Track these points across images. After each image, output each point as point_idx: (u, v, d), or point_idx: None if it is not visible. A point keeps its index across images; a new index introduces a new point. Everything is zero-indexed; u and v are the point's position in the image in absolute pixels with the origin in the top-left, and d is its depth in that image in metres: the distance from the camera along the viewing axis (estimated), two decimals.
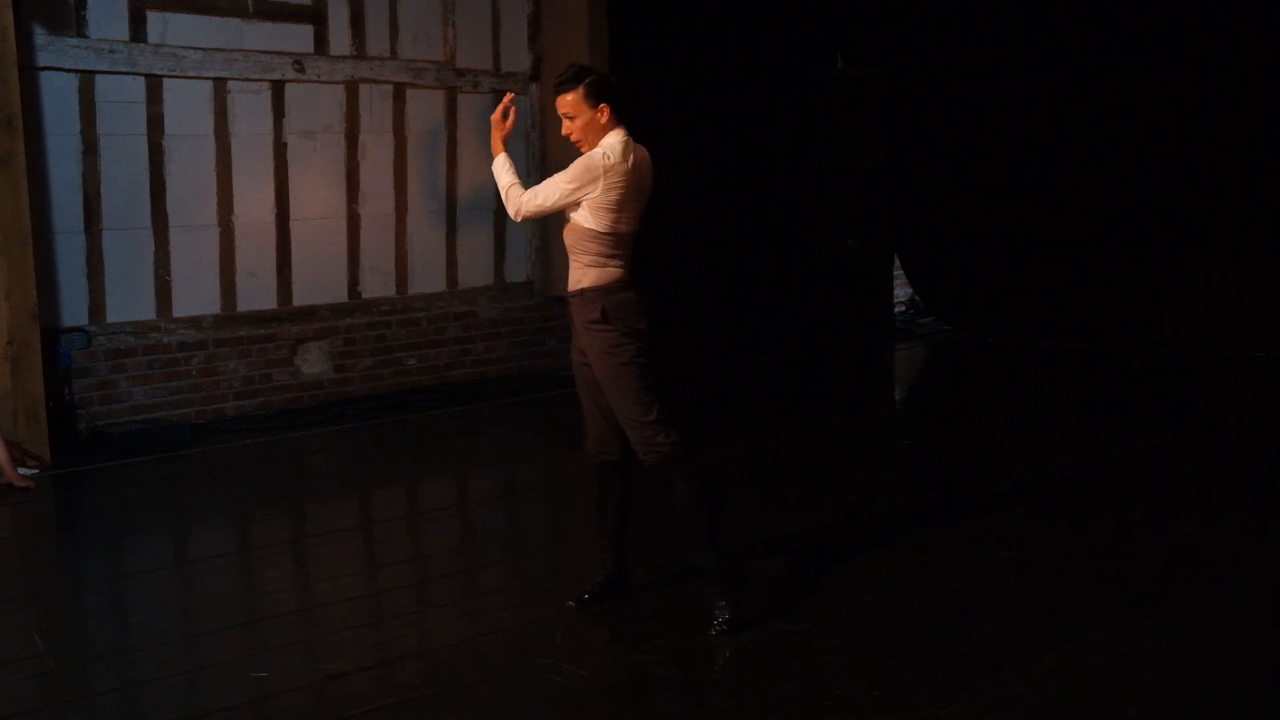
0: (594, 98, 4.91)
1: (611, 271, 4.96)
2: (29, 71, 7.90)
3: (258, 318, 9.17)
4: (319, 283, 9.49)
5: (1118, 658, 4.58)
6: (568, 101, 4.92)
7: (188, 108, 8.72)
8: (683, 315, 11.26)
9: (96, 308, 8.40)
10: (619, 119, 4.98)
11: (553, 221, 9.00)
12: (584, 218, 4.91)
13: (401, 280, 9.95)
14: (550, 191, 4.94)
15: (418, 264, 10.02)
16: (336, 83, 9.45)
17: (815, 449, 8.00)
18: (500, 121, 5.20)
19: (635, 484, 5.19)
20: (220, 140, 8.90)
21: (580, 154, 4.95)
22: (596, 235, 4.92)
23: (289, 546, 6.49)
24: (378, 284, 9.82)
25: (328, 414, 9.15)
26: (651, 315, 5.02)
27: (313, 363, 9.44)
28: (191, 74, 8.69)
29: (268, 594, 5.64)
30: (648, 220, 5.20)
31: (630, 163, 4.92)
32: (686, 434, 4.98)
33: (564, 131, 4.98)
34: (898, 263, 12.95)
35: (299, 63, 9.22)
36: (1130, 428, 8.28)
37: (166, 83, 8.59)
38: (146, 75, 8.50)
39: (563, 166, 5.00)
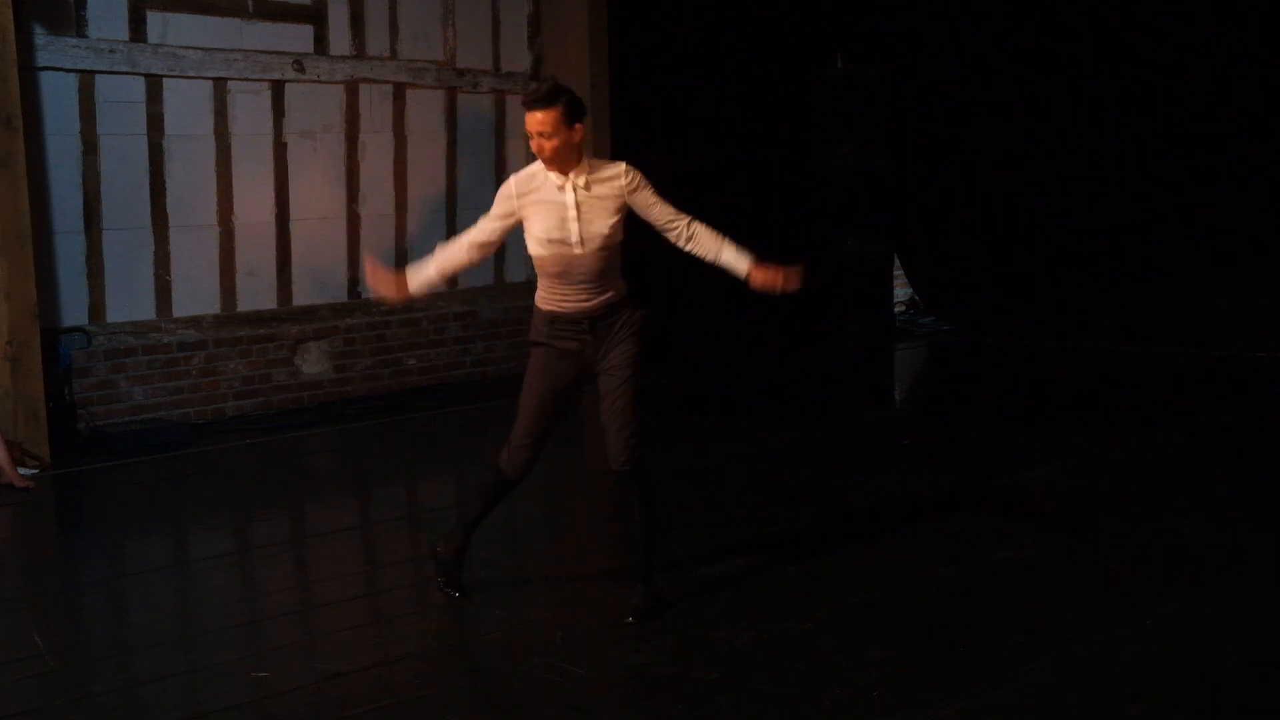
0: (571, 117, 4.84)
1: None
2: (29, 71, 7.90)
3: (258, 318, 9.17)
4: (319, 283, 9.49)
5: (1118, 658, 4.58)
6: (543, 120, 4.78)
7: (188, 108, 8.72)
8: (683, 316, 11.26)
9: (96, 308, 8.40)
10: None
11: None
12: (613, 229, 4.96)
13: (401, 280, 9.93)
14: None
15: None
16: (336, 83, 9.45)
17: (816, 449, 8.00)
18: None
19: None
20: (220, 140, 8.90)
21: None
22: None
23: (289, 546, 6.49)
24: None
25: (328, 414, 9.15)
26: None
27: (313, 363, 9.44)
28: (191, 74, 8.69)
29: (268, 594, 5.64)
30: (647, 220, 5.22)
31: None
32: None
33: (534, 148, 4.85)
34: (898, 263, 12.95)
35: (299, 63, 9.22)
36: (1130, 428, 8.28)
37: (166, 83, 8.59)
38: (146, 75, 8.50)
39: None
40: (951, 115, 12.15)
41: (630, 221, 5.11)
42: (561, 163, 4.86)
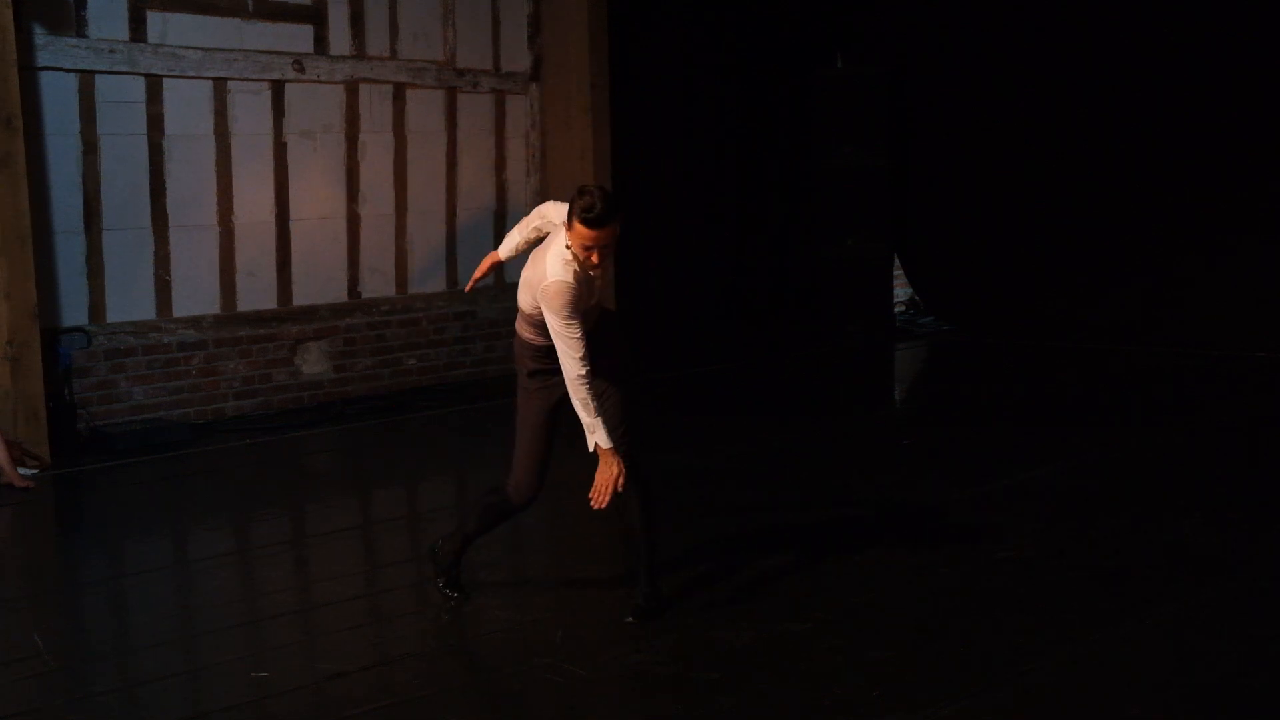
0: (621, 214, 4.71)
1: None
2: (29, 71, 7.90)
3: (258, 318, 9.17)
4: (319, 283, 9.49)
5: (1118, 658, 4.58)
6: (612, 232, 4.64)
7: (188, 108, 8.72)
8: (683, 315, 11.27)
9: (96, 308, 8.40)
10: None
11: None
12: None
13: (401, 280, 9.95)
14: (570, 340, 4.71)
15: (418, 264, 10.03)
16: (336, 83, 9.45)
17: (815, 449, 8.00)
18: None
19: None
20: (220, 140, 8.90)
21: (592, 276, 4.78)
22: None
23: (289, 546, 6.49)
24: (378, 284, 9.82)
25: (328, 414, 9.15)
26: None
27: (313, 363, 9.44)
28: (191, 74, 8.69)
29: (268, 594, 5.64)
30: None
31: None
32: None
33: (587, 258, 4.65)
34: (898, 263, 12.96)
35: (299, 63, 9.22)
36: (1130, 428, 8.28)
37: (166, 83, 8.60)
38: (146, 75, 8.50)
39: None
40: (951, 115, 12.16)
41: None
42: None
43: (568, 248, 4.69)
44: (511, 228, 5.46)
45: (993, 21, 11.73)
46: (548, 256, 4.76)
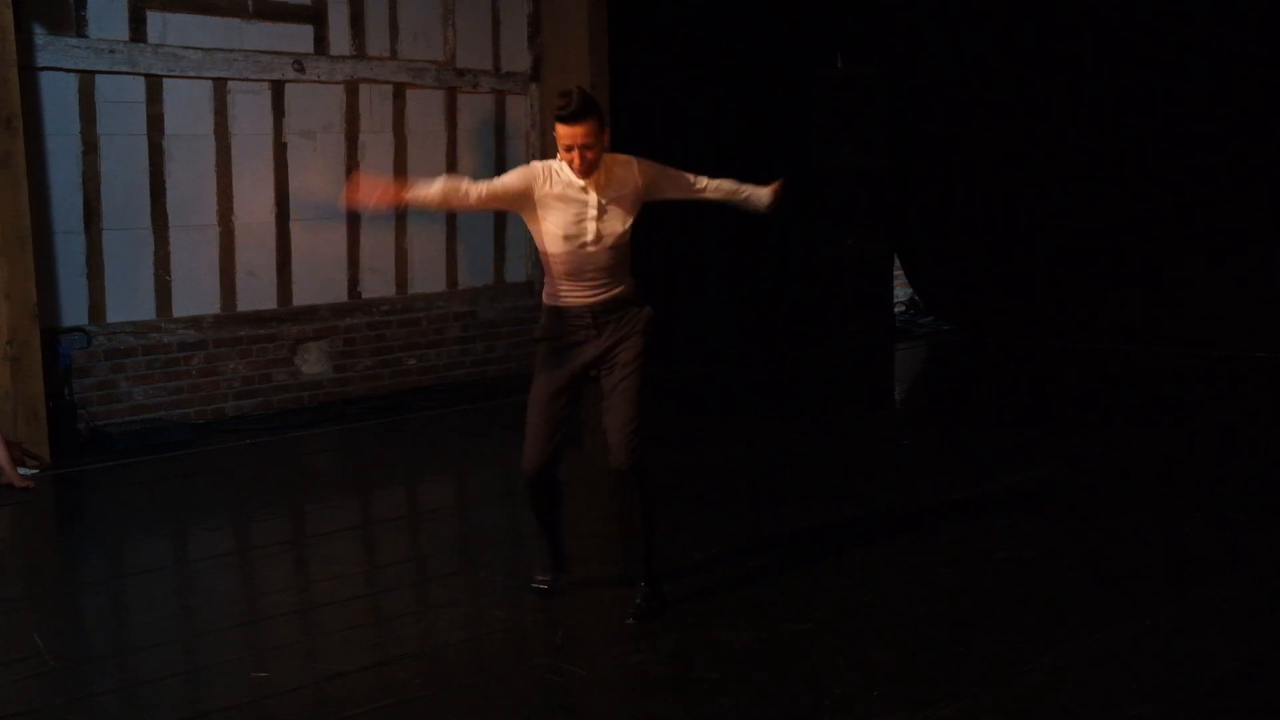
0: (603, 123, 4.85)
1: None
2: (29, 71, 7.90)
3: (258, 318, 9.18)
4: (319, 283, 9.49)
5: (1118, 658, 4.58)
6: (586, 131, 4.75)
7: (188, 108, 8.72)
8: (683, 315, 11.26)
9: (96, 308, 8.40)
10: None
11: None
12: (628, 226, 4.99)
13: (401, 280, 9.95)
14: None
15: (418, 264, 10.03)
16: (336, 83, 9.45)
17: (815, 449, 8.00)
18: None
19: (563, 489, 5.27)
20: (220, 140, 8.90)
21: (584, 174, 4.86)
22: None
23: (289, 546, 6.49)
24: (378, 284, 9.82)
25: (328, 414, 9.15)
26: None
27: (313, 363, 9.44)
28: (191, 74, 8.69)
29: (268, 594, 5.65)
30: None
31: None
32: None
33: (571, 160, 4.80)
34: (898, 263, 12.96)
35: (299, 63, 9.22)
36: (1130, 428, 8.28)
37: (166, 83, 8.60)
38: (146, 75, 8.50)
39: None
40: (951, 115, 12.16)
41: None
42: (596, 170, 4.87)
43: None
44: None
45: (993, 21, 11.73)
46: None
